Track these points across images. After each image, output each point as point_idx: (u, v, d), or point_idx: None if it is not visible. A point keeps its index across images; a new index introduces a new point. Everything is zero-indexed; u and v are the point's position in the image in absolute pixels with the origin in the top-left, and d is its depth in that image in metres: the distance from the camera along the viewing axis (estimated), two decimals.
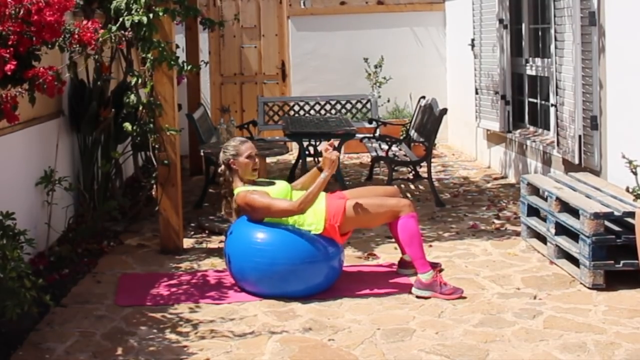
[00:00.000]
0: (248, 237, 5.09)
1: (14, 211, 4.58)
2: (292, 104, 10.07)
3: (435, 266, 5.26)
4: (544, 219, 5.85)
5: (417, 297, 4.98)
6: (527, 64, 8.35)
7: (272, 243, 5.01)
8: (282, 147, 8.03)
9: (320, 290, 5.07)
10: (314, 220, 5.04)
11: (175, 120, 6.06)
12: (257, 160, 5.28)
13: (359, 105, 10.06)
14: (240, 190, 5.19)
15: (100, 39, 5.20)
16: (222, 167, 5.31)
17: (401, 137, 9.06)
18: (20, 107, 4.29)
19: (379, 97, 10.64)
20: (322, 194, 5.15)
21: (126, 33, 5.40)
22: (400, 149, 8.39)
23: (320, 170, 5.27)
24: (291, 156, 10.52)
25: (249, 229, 5.12)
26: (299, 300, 4.96)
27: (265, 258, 4.97)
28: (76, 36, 4.54)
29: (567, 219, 5.38)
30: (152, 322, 4.67)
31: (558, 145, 7.02)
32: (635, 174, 4.56)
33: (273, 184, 5.31)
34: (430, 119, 8.00)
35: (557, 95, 7.04)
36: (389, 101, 10.92)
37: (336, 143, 5.17)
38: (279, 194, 5.15)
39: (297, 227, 5.05)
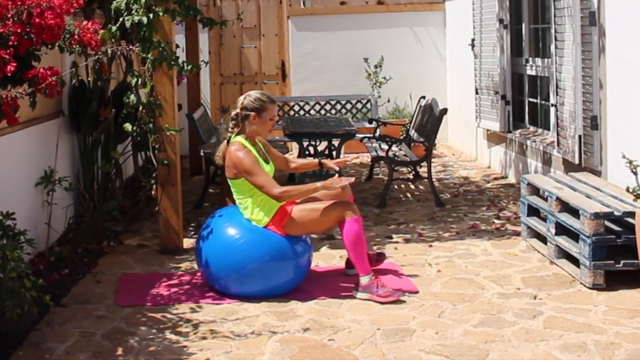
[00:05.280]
0: (219, 235, 5.09)
1: (14, 211, 4.58)
2: (292, 104, 10.08)
3: (380, 257, 5.38)
4: (544, 219, 5.85)
5: (357, 298, 5.02)
6: (527, 64, 8.34)
7: (241, 241, 5.01)
8: (282, 147, 8.03)
9: (288, 290, 5.08)
10: (264, 214, 5.07)
11: (175, 120, 6.06)
12: (274, 124, 5.27)
13: (359, 105, 10.07)
14: (237, 140, 5.15)
15: (109, 50, 5.20)
16: (239, 111, 5.17)
17: (401, 137, 9.06)
18: (20, 107, 4.29)
19: (379, 97, 10.64)
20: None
21: (133, 47, 5.42)
22: (400, 149, 8.39)
23: (320, 164, 5.42)
24: (291, 156, 10.50)
25: (219, 227, 5.12)
26: (299, 300, 4.97)
27: (237, 256, 4.98)
28: (76, 37, 4.54)
29: (567, 219, 5.38)
30: (152, 322, 4.67)
31: (558, 145, 7.02)
32: (635, 174, 4.56)
33: (267, 162, 5.30)
34: (430, 119, 8.00)
35: (557, 95, 7.04)
36: (389, 101, 10.93)
37: (346, 181, 5.19)
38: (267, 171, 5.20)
39: (243, 209, 5.10)
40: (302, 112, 9.95)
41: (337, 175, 5.51)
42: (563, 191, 5.66)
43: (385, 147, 8.09)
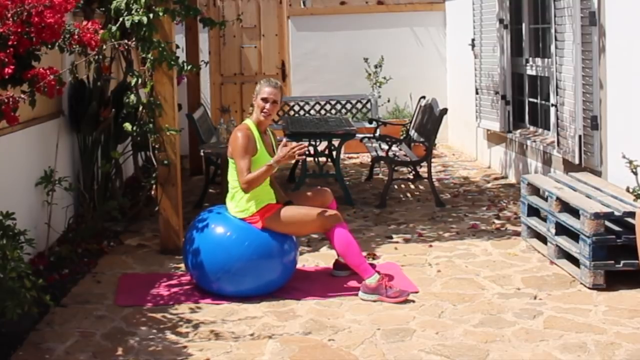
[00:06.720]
0: (206, 232, 5.10)
1: (14, 211, 4.57)
2: (292, 104, 10.08)
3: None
4: (544, 219, 5.85)
5: (364, 300, 4.99)
6: (527, 64, 8.34)
7: (228, 238, 5.03)
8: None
9: (276, 288, 5.09)
10: (253, 203, 5.08)
11: (175, 120, 6.06)
12: (268, 106, 5.22)
13: (359, 105, 10.06)
14: (245, 122, 5.28)
15: (105, 47, 5.20)
16: None
17: (401, 137, 9.06)
18: (20, 106, 4.29)
19: (379, 97, 10.63)
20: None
21: (130, 43, 5.39)
22: (400, 149, 8.39)
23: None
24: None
25: (206, 225, 5.13)
26: (299, 300, 4.97)
27: (223, 254, 4.99)
28: (76, 37, 4.54)
29: (567, 219, 5.38)
30: (152, 322, 4.67)
31: (558, 145, 7.02)
32: (635, 174, 4.56)
33: (269, 155, 5.28)
34: (430, 119, 8.00)
35: (557, 95, 7.04)
36: (389, 101, 10.92)
37: (291, 145, 5.13)
38: (261, 159, 5.17)
39: (232, 192, 5.13)
40: (302, 112, 9.95)
41: (284, 140, 5.28)
42: (563, 191, 5.66)
43: (385, 147, 8.09)
